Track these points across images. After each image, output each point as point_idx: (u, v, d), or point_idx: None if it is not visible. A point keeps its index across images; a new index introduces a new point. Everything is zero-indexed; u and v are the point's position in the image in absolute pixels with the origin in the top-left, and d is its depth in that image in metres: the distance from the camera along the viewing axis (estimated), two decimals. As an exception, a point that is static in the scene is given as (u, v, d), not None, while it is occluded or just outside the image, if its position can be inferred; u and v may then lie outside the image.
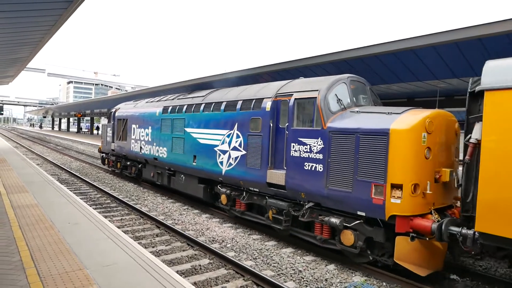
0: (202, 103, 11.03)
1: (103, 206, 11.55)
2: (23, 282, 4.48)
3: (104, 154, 19.22)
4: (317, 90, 7.54)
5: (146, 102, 15.42)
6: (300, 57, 12.55)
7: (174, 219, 10.26)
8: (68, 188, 13.26)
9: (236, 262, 6.76)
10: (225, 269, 6.76)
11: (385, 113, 6.66)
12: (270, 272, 6.68)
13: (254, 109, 8.87)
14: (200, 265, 6.86)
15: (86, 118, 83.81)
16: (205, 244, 7.76)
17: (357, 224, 6.64)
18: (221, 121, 9.94)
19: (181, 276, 5.71)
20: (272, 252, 7.75)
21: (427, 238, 5.99)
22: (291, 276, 6.57)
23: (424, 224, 5.90)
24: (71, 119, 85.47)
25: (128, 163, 16.20)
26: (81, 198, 11.63)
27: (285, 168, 7.88)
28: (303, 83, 8.31)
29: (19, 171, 13.92)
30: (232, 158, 9.41)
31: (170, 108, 12.74)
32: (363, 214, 6.48)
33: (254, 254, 7.60)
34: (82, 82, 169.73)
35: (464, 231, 5.51)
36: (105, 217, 9.97)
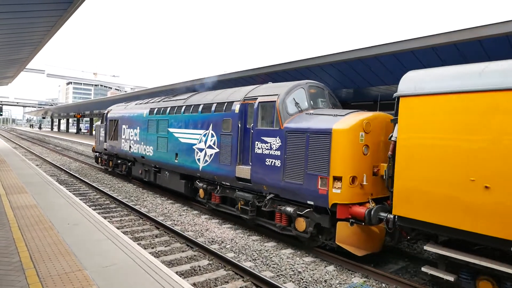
0: (183, 106, 12.00)
1: (103, 206, 11.54)
2: (23, 283, 4.47)
3: (97, 153, 20.04)
4: (277, 94, 8.47)
5: (135, 104, 16.37)
6: (300, 58, 12.57)
7: (174, 220, 10.26)
8: (67, 189, 13.24)
9: (235, 263, 6.75)
10: (225, 270, 6.76)
11: (332, 115, 7.62)
12: (270, 273, 6.68)
13: (226, 111, 9.81)
14: (199, 266, 6.86)
15: (85, 119, 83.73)
16: (204, 245, 7.76)
17: (307, 212, 7.56)
18: (199, 122, 10.90)
19: (180, 277, 5.70)
20: (272, 253, 7.74)
21: (363, 223, 6.83)
22: (290, 277, 6.56)
23: (359, 210, 6.83)
24: (70, 120, 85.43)
25: (119, 161, 17.06)
26: (80, 199, 11.62)
27: (251, 164, 8.80)
28: (267, 88, 9.24)
29: (19, 172, 13.91)
30: (208, 156, 10.36)
31: (155, 110, 13.70)
32: (312, 203, 7.38)
33: (254, 255, 7.60)
34: (81, 83, 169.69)
35: (388, 215, 6.39)
36: (105, 217, 9.96)
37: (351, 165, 6.96)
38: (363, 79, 12.20)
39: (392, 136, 6.30)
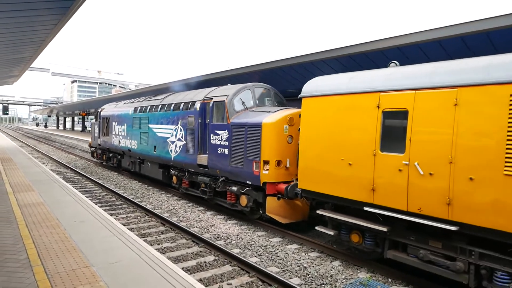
0: (159, 105, 13.81)
1: (109, 204, 11.62)
2: (31, 279, 4.51)
3: (93, 148, 21.92)
4: (227, 95, 10.07)
5: (124, 104, 18.20)
6: (304, 53, 12.49)
7: (179, 217, 10.30)
8: (73, 187, 13.34)
9: (241, 259, 6.77)
10: (230, 265, 6.78)
11: (265, 111, 9.23)
12: (275, 269, 6.69)
13: (190, 109, 11.54)
14: (205, 262, 6.88)
15: (90, 116, 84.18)
16: (210, 241, 7.78)
17: (247, 190, 9.24)
18: (171, 118, 12.64)
19: (186, 273, 5.73)
20: (277, 249, 7.75)
21: (287, 197, 8.46)
22: (296, 272, 6.57)
23: (281, 187, 8.55)
24: (75, 118, 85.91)
25: (111, 155, 19.05)
26: (86, 196, 11.69)
27: (207, 152, 10.57)
28: (222, 89, 10.84)
29: (25, 170, 14.03)
30: (178, 147, 12.13)
31: (138, 108, 15.58)
32: (250, 182, 9.08)
33: (259, 251, 7.61)
34: (86, 81, 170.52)
35: (299, 190, 7.79)
36: (111, 214, 10.03)
37: (277, 151, 8.76)
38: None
39: (299, 128, 7.81)
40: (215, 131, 10.25)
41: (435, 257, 5.61)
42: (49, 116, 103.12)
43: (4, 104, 60.08)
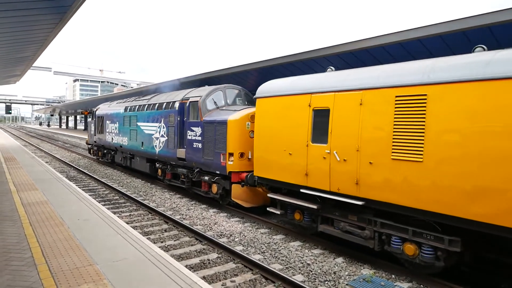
0: (146, 104, 15.12)
1: (112, 202, 11.65)
2: (35, 278, 4.54)
3: (89, 145, 23.38)
4: (200, 96, 11.33)
5: (116, 103, 19.49)
6: (305, 50, 12.44)
7: (182, 214, 10.32)
8: (77, 185, 13.39)
9: (244, 256, 6.78)
10: (234, 263, 6.79)
11: (232, 110, 10.52)
12: (279, 266, 6.70)
13: (171, 108, 12.83)
14: (208, 260, 6.90)
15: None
16: (213, 238, 7.80)
17: (217, 179, 10.47)
18: (156, 116, 13.93)
19: (190, 270, 5.74)
20: (280, 246, 7.76)
21: (248, 185, 9.71)
22: (299, 269, 6.57)
23: (243, 176, 9.75)
24: (78, 117, 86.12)
25: (105, 151, 20.31)
26: (89, 195, 11.73)
27: (185, 147, 11.83)
28: (197, 90, 12.17)
29: (29, 169, 14.09)
30: (161, 142, 13.40)
31: (128, 108, 16.87)
32: (219, 172, 10.32)
33: (262, 248, 7.62)
34: (88, 80, 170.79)
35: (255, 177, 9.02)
36: (114, 213, 10.06)
37: (240, 144, 9.98)
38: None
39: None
40: (191, 127, 11.58)
41: (351, 227, 6.91)
42: (52, 115, 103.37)
43: (7, 104, 60.26)
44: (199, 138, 11.10)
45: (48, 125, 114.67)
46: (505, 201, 4.72)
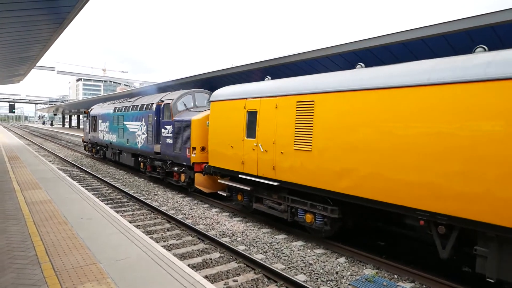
0: (131, 105, 17.04)
1: (115, 201, 11.70)
2: (39, 276, 4.57)
3: (85, 143, 25.36)
4: (172, 99, 13.34)
5: (108, 104, 21.52)
6: (307, 49, 12.43)
7: (185, 214, 10.35)
8: (80, 184, 13.45)
9: (246, 256, 6.79)
10: (236, 262, 6.81)
11: (197, 111, 12.54)
12: (281, 265, 6.71)
13: (150, 109, 14.83)
14: (211, 259, 6.92)
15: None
16: (215, 238, 7.82)
17: (184, 169, 12.44)
18: (138, 116, 15.87)
19: (192, 269, 5.76)
20: (283, 246, 7.77)
21: (206, 174, 11.34)
22: (301, 269, 6.58)
23: (203, 166, 11.38)
24: (81, 116, 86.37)
25: (98, 148, 22.40)
26: (93, 194, 11.79)
27: (160, 143, 13.89)
28: (171, 94, 14.20)
29: (32, 168, 14.16)
30: (142, 139, 15.37)
31: (117, 108, 18.72)
32: (185, 163, 12.19)
33: (265, 248, 7.63)
34: (91, 80, 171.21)
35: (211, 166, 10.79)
36: (117, 212, 10.10)
37: (201, 140, 11.76)
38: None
39: (208, 123, 11.12)
40: (165, 126, 13.55)
41: (273, 204, 8.87)
42: (55, 114, 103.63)
43: (10, 103, 60.56)
44: (171, 135, 13.06)
45: (51, 124, 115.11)
46: (358, 177, 6.57)
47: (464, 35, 8.76)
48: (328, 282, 6.08)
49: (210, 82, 18.21)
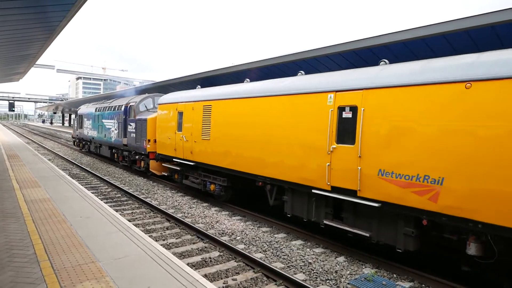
0: (107, 106, 20.36)
1: (114, 200, 11.69)
2: (38, 274, 4.56)
3: (74, 139, 28.84)
4: (136, 101, 16.58)
5: (92, 105, 25.03)
6: (308, 48, 12.41)
7: (184, 213, 10.34)
8: (79, 183, 13.43)
9: (246, 255, 6.79)
10: (235, 261, 6.80)
11: (154, 111, 15.31)
12: (280, 264, 6.71)
13: (120, 110, 17.97)
14: (210, 258, 6.92)
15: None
16: (215, 237, 7.81)
17: (143, 157, 15.61)
18: (112, 115, 19.09)
19: (192, 268, 5.75)
20: (282, 245, 7.76)
21: (157, 160, 14.32)
22: (301, 268, 6.58)
23: (154, 154, 14.23)
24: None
25: (83, 142, 25.98)
26: (92, 192, 11.77)
27: (127, 137, 17.01)
28: (136, 97, 17.58)
29: (31, 166, 14.14)
30: (115, 134, 18.57)
31: (98, 108, 22.08)
32: (143, 153, 15.23)
33: (264, 247, 7.63)
34: (90, 78, 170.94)
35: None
36: (116, 210, 10.09)
37: (153, 134, 14.60)
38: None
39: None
40: (130, 123, 16.79)
41: (194, 179, 11.91)
42: (55, 113, 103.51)
43: (10, 101, 60.48)
44: (134, 130, 16.29)
45: (51, 123, 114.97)
46: (232, 157, 9.69)
47: (464, 35, 8.75)
48: (328, 281, 6.08)
49: (210, 81, 18.21)
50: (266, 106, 8.66)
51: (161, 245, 7.40)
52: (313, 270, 6.46)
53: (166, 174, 13.84)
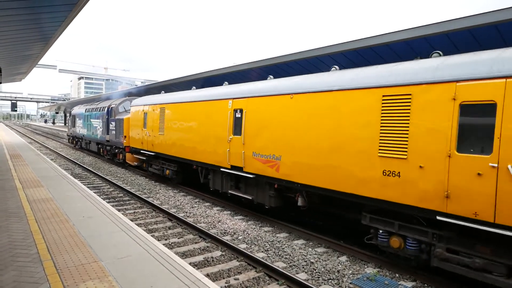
0: (95, 107, 23.70)
1: (116, 199, 11.71)
2: (41, 274, 4.58)
3: (69, 136, 32.36)
4: (116, 104, 19.84)
5: (83, 106, 27.98)
6: (310, 48, 12.39)
7: (186, 212, 10.35)
8: (81, 182, 13.46)
9: (248, 254, 6.79)
10: (237, 261, 6.80)
11: (128, 111, 18.55)
12: (282, 264, 6.70)
13: (104, 111, 21.05)
14: (212, 257, 6.92)
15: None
16: (217, 236, 7.82)
17: (121, 150, 18.41)
18: (98, 115, 22.27)
19: (194, 267, 5.76)
20: (284, 244, 7.76)
21: (131, 153, 17.02)
22: (303, 267, 6.57)
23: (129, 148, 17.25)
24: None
25: (76, 140, 29.41)
26: (94, 192, 11.80)
27: (109, 134, 19.95)
28: (117, 100, 21.20)
29: (34, 166, 14.18)
30: (100, 131, 21.79)
31: (87, 109, 25.31)
32: (121, 147, 18.10)
33: (266, 246, 7.63)
34: (92, 78, 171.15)
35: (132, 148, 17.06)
36: (118, 210, 10.11)
37: (128, 131, 17.09)
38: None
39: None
40: (111, 122, 19.81)
41: (156, 166, 14.72)
42: (57, 113, 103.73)
43: (12, 101, 60.63)
44: (114, 128, 19.28)
45: (53, 123, 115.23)
46: (177, 146, 12.62)
47: (467, 34, 8.72)
48: (330, 280, 6.07)
49: (212, 82, 18.21)
50: (194, 109, 11.82)
51: (164, 244, 7.41)
52: (315, 270, 6.46)
53: (137, 164, 16.97)
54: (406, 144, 5.74)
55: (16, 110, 58.42)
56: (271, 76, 10.18)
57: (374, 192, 6.21)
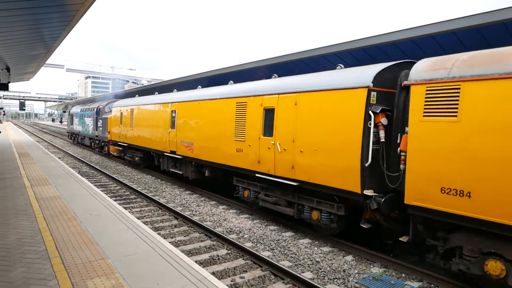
0: (87, 107, 27.45)
1: (123, 197, 11.80)
2: (49, 271, 4.63)
3: (68, 133, 36.36)
4: (103, 105, 24.32)
5: (80, 106, 32.82)
6: (315, 46, 12.35)
7: (192, 210, 10.40)
8: (89, 181, 13.58)
9: (253, 253, 6.81)
10: (243, 259, 6.82)
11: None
12: (288, 263, 6.71)
13: (94, 111, 24.80)
14: (218, 256, 6.95)
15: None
16: (222, 235, 7.84)
17: (106, 144, 22.82)
18: (90, 114, 25.80)
19: (200, 265, 5.78)
20: (289, 243, 7.76)
21: (114, 145, 21.08)
22: (308, 266, 6.57)
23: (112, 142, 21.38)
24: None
25: (74, 136, 33.29)
26: (101, 190, 11.89)
27: (97, 130, 24.28)
28: (104, 101, 25.83)
29: (42, 165, 14.34)
30: (91, 128, 25.46)
31: (82, 109, 29.31)
32: (106, 140, 22.33)
33: (272, 245, 7.63)
34: (99, 77, 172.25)
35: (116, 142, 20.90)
36: (125, 208, 10.18)
37: (111, 127, 20.84)
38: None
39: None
40: (99, 120, 23.62)
41: (130, 155, 18.53)
42: (64, 112, 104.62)
43: (21, 100, 61.32)
44: (101, 125, 22.98)
45: (61, 122, 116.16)
46: (141, 138, 16.45)
47: (475, 32, 8.63)
48: (335, 280, 6.07)
49: (217, 80, 18.24)
50: (149, 110, 15.73)
51: (170, 242, 7.45)
52: (320, 269, 6.45)
53: (117, 154, 20.44)
54: (244, 132, 9.39)
55: (24, 109, 59.10)
56: (276, 75, 10.26)
57: (234, 162, 9.86)
